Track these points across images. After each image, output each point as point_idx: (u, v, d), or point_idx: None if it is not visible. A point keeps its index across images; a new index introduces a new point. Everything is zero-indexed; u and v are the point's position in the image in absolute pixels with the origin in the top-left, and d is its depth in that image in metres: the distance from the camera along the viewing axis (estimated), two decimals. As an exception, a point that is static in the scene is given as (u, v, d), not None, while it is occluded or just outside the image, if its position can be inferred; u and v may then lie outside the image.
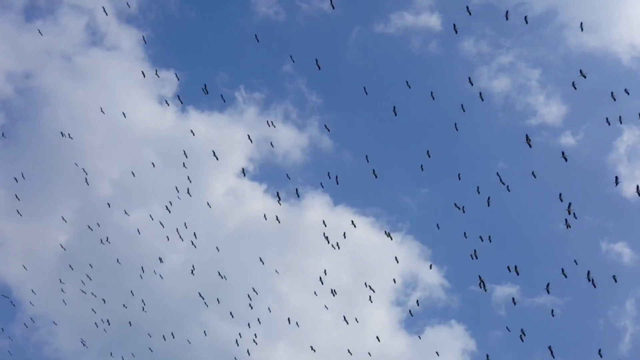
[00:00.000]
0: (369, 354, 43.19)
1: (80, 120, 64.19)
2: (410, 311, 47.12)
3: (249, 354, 45.30)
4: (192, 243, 45.25)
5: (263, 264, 43.96)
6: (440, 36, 70.27)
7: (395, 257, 43.36)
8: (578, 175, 61.96)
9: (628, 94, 32.82)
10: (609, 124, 33.31)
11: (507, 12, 33.39)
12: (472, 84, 36.67)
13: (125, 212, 48.14)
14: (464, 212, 37.06)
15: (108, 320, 48.67)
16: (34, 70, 68.56)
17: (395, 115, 37.16)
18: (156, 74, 42.91)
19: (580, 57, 66.76)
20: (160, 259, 49.02)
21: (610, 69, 64.84)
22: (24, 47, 62.46)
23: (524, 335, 36.42)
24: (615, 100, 33.02)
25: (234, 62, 75.94)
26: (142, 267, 47.28)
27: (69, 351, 58.38)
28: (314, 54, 72.55)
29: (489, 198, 35.78)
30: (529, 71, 67.66)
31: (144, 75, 43.76)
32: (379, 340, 40.15)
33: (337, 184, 39.26)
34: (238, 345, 45.12)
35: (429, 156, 37.51)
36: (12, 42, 68.07)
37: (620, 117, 33.19)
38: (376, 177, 38.87)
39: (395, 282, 44.53)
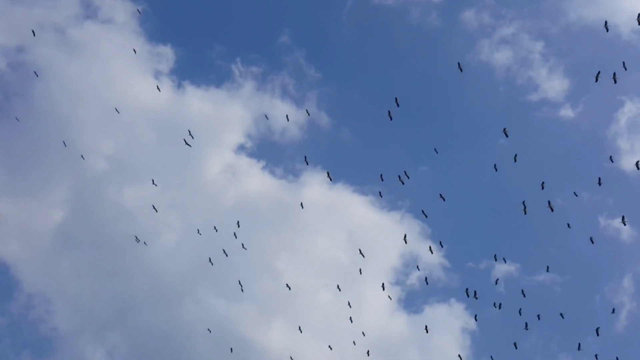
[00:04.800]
0: (363, 333, 42.97)
1: (74, 95, 63.36)
2: (426, 278, 46.49)
3: (245, 331, 45.10)
4: (188, 220, 44.83)
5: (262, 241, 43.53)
6: (441, 7, 68.99)
7: (402, 256, 42.91)
8: (577, 149, 61.23)
9: (626, 69, 31.96)
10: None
11: None
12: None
13: (121, 189, 47.63)
14: (444, 200, 36.45)
15: (104, 298, 48.45)
16: (27, 44, 67.39)
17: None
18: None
19: (581, 29, 65.69)
20: (156, 236, 48.63)
21: (610, 41, 63.73)
22: (16, 21, 61.25)
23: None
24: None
25: (230, 35, 74.75)
26: (137, 244, 46.89)
27: (66, 328, 58.25)
28: (311, 25, 71.23)
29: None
30: (532, 43, 66.59)
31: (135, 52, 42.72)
32: (378, 320, 39.92)
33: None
34: (233, 322, 44.88)
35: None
36: (4, 15, 66.87)
37: None
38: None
39: (393, 262, 44.34)
